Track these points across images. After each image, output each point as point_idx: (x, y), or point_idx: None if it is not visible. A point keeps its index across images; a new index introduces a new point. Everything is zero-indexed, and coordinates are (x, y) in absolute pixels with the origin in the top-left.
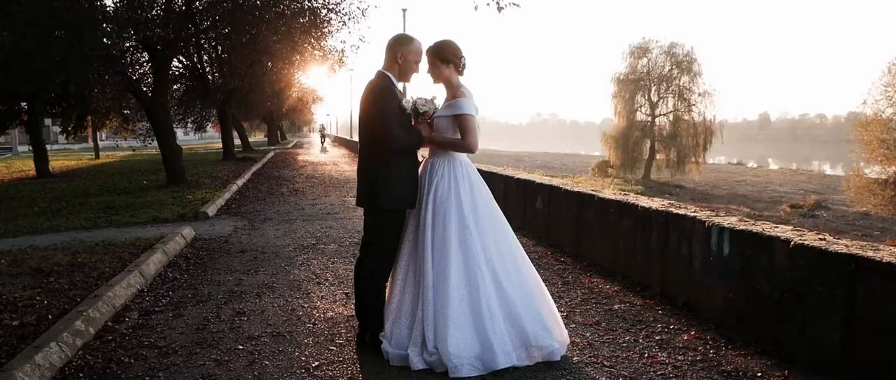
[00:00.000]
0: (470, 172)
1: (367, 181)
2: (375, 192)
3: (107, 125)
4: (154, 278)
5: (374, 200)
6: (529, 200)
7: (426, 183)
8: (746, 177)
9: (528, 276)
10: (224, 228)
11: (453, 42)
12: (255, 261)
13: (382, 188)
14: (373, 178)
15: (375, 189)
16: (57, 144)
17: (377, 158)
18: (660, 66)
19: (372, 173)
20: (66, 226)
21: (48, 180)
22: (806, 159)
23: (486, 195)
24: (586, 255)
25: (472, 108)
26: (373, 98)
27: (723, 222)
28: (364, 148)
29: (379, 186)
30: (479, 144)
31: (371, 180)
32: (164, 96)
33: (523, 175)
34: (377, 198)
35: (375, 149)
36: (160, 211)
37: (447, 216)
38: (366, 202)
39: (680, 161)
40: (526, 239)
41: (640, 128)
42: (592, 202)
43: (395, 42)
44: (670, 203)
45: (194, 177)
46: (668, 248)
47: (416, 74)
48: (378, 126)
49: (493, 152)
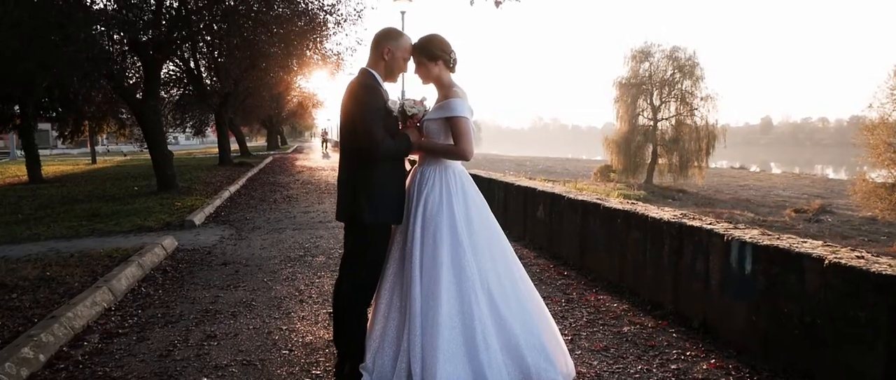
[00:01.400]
0: (464, 182)
1: (348, 193)
2: (357, 205)
3: (103, 130)
4: (125, 295)
5: (354, 215)
6: (530, 208)
7: (415, 195)
8: (749, 181)
9: (529, 299)
10: (209, 238)
11: (440, 36)
12: (236, 275)
13: (364, 201)
14: (354, 189)
15: (357, 202)
16: (56, 148)
17: (359, 167)
18: (662, 70)
19: (353, 184)
20: (46, 235)
21: (39, 186)
22: (808, 163)
23: (482, 208)
24: (592, 268)
25: (467, 109)
26: (355, 98)
27: (744, 236)
28: (344, 155)
29: (361, 199)
30: (480, 148)
31: (352, 192)
32: (155, 100)
33: (524, 182)
34: (358, 212)
35: (357, 156)
36: (145, 219)
37: (438, 232)
38: (346, 216)
39: (682, 166)
40: (527, 250)
41: (642, 132)
42: (598, 212)
43: (382, 36)
44: (682, 214)
45: (186, 183)
46: (681, 263)
47: (404, 73)
48: (360, 130)
49: (494, 157)
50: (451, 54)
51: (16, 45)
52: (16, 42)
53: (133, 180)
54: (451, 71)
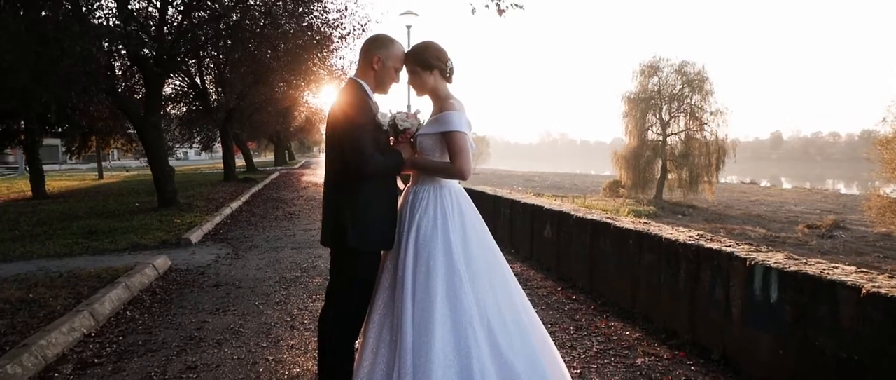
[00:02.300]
0: (462, 204)
1: (332, 215)
2: (342, 229)
3: (110, 145)
4: (108, 319)
5: (340, 240)
6: (537, 227)
7: (407, 217)
8: (760, 196)
9: (533, 332)
10: (205, 257)
11: (436, 43)
12: (227, 298)
13: (351, 224)
14: (339, 211)
15: (342, 225)
16: (65, 163)
17: (345, 186)
18: (671, 85)
19: (338, 205)
20: (39, 253)
21: (42, 201)
22: (819, 178)
23: (481, 231)
24: (602, 292)
25: (464, 123)
26: (341, 111)
27: (768, 260)
28: (330, 173)
29: (346, 222)
30: (488, 164)
31: (337, 214)
32: (157, 115)
33: (531, 200)
34: (343, 236)
35: (343, 174)
36: (142, 236)
37: (432, 260)
38: (330, 241)
39: (692, 181)
40: (533, 271)
41: (651, 147)
42: (608, 232)
43: (371, 44)
44: (699, 234)
45: (188, 199)
46: (699, 288)
47: (396, 84)
48: (347, 146)
49: (503, 172)
50: (448, 63)
51: (12, 59)
52: (12, 55)
53: (135, 196)
54: (447, 81)
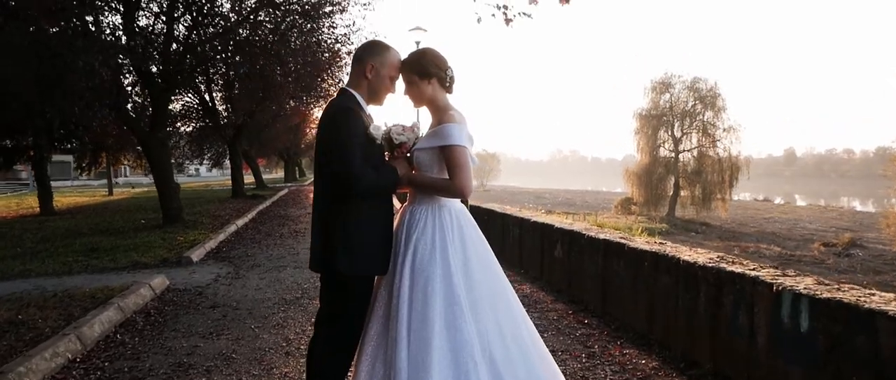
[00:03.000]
0: (462, 224)
1: (321, 237)
2: (331, 252)
3: (120, 161)
4: (96, 343)
5: (329, 264)
6: (547, 246)
7: (403, 240)
8: (774, 214)
9: (541, 364)
10: (204, 276)
11: (434, 50)
12: (223, 320)
13: (341, 247)
14: (328, 233)
15: (331, 248)
16: (78, 179)
17: (335, 206)
18: (683, 102)
19: (327, 226)
20: (37, 271)
21: (49, 218)
22: (834, 195)
23: (484, 255)
24: (616, 316)
25: (465, 137)
26: (330, 123)
27: (797, 286)
28: (318, 191)
29: (336, 244)
30: (499, 180)
31: (325, 236)
32: (163, 131)
33: (540, 218)
34: (333, 260)
35: (333, 192)
36: (143, 254)
37: (430, 286)
38: (319, 266)
39: (705, 198)
40: (543, 292)
41: (663, 164)
42: (622, 253)
43: (364, 50)
44: (719, 256)
45: (193, 216)
46: (720, 314)
47: (391, 95)
48: (335, 161)
49: (513, 189)
50: (448, 71)
51: (15, 74)
52: (15, 70)
53: (142, 213)
54: (447, 91)
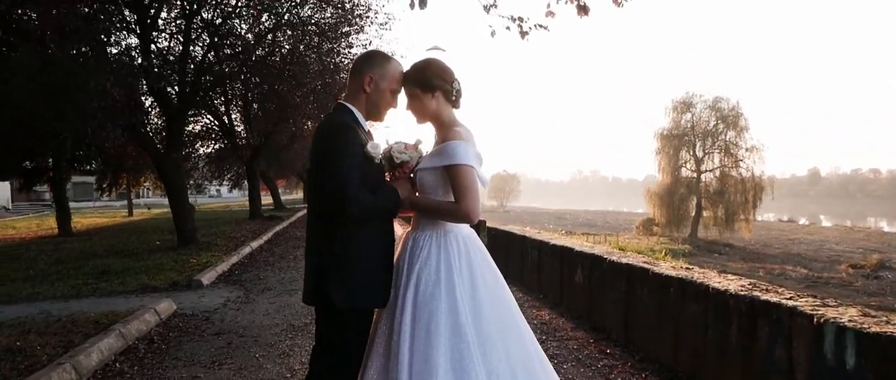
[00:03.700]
0: (470, 252)
1: (315, 267)
2: (325, 282)
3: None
4: (93, 372)
5: (323, 296)
6: (567, 271)
7: (404, 269)
8: (799, 235)
9: None
10: (214, 300)
11: (439, 61)
12: (227, 347)
13: (335, 277)
14: (322, 262)
15: (325, 278)
16: (100, 200)
17: (329, 232)
18: (704, 121)
19: (321, 255)
20: (45, 294)
21: (66, 239)
22: (860, 216)
23: (494, 287)
24: (640, 345)
25: (472, 155)
26: (323, 141)
27: (841, 318)
28: (312, 216)
29: (330, 274)
30: (519, 201)
31: (320, 265)
32: (177, 152)
33: (560, 241)
34: (327, 292)
35: (327, 217)
36: (153, 277)
37: (434, 321)
38: (313, 298)
39: (728, 219)
40: (563, 319)
41: (685, 184)
42: (646, 278)
43: (362, 61)
44: (752, 284)
45: (208, 237)
46: (755, 348)
47: (393, 110)
48: (329, 182)
49: (534, 210)
50: (453, 84)
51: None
52: (29, 92)
53: (158, 234)
54: (452, 105)
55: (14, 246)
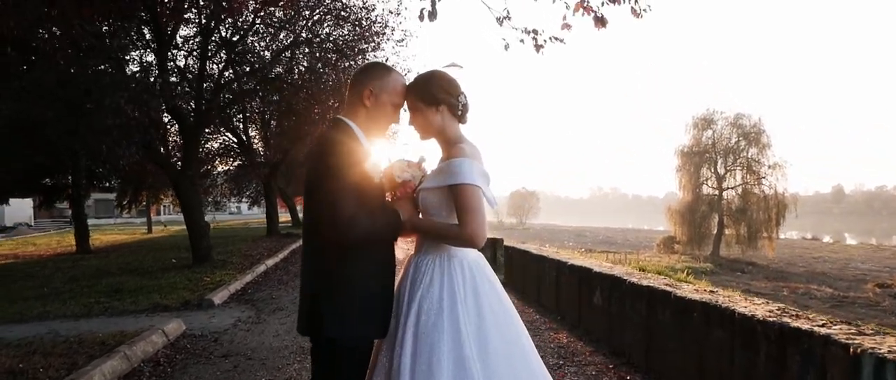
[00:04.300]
0: (477, 279)
1: (309, 294)
2: (318, 312)
3: (160, 199)
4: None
5: (316, 327)
6: (586, 292)
7: (405, 297)
8: (823, 253)
9: None
10: (224, 321)
11: (444, 73)
12: (233, 371)
13: (330, 307)
14: (316, 289)
15: (318, 308)
16: (121, 217)
17: (324, 257)
18: (726, 138)
19: (315, 281)
20: (56, 313)
21: (84, 256)
22: (886, 234)
23: (502, 317)
24: (661, 371)
25: (477, 174)
26: (317, 160)
27: (879, 348)
28: (307, 239)
29: (324, 303)
30: (538, 218)
31: (313, 293)
32: (193, 170)
33: (578, 261)
34: (320, 322)
35: (321, 241)
36: (165, 296)
37: (435, 355)
38: (306, 328)
39: (751, 237)
40: (581, 343)
41: (706, 202)
42: (668, 302)
43: (362, 73)
44: (781, 309)
45: (224, 255)
46: (784, 377)
47: (395, 125)
48: (322, 204)
49: (553, 227)
50: (459, 97)
51: (44, 113)
52: (44, 110)
53: (175, 252)
54: (458, 120)
55: (32, 263)
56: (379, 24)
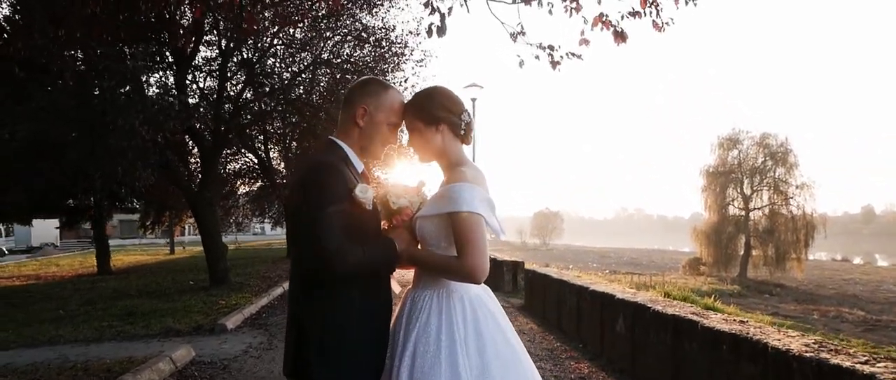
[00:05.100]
0: (479, 316)
1: (294, 334)
2: (304, 352)
3: (183, 220)
4: None
5: (301, 369)
6: (608, 319)
7: (400, 336)
8: (854, 275)
9: None
10: (235, 347)
11: (446, 89)
12: None
13: (317, 350)
14: (301, 329)
15: (304, 347)
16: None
17: (311, 293)
18: (752, 158)
19: (301, 320)
20: (68, 337)
21: (104, 278)
22: None
23: (508, 359)
24: None
25: (479, 201)
26: (303, 185)
27: None
28: (293, 273)
29: (311, 346)
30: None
31: (298, 334)
32: (211, 191)
33: (600, 287)
34: (306, 364)
35: (307, 275)
36: (179, 320)
37: None
38: (291, 371)
39: (779, 258)
40: (604, 373)
41: (733, 223)
42: (694, 332)
43: (356, 91)
44: (818, 342)
45: (242, 277)
46: None
47: (390, 147)
48: (308, 234)
49: (578, 248)
50: (462, 116)
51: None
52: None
53: (194, 273)
54: (461, 141)
55: (53, 284)
56: (398, 44)
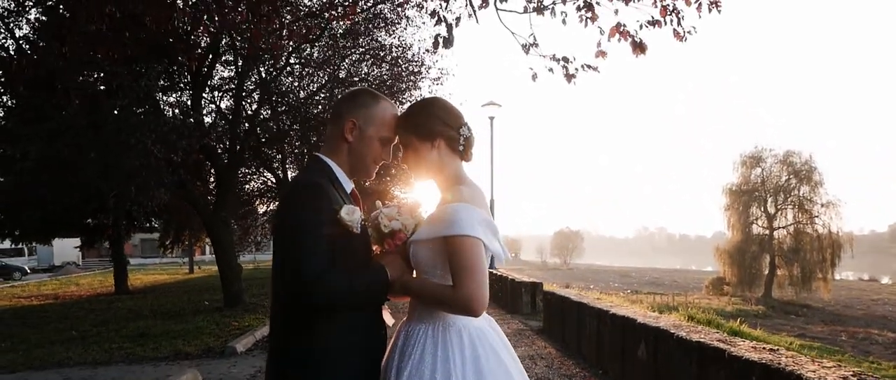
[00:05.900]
0: (479, 353)
1: (273, 368)
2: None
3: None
4: None
5: None
6: (629, 345)
7: (392, 375)
8: (883, 295)
9: None
10: (243, 371)
11: (443, 101)
12: None
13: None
14: (279, 360)
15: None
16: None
17: (293, 324)
18: (776, 176)
19: (281, 353)
20: (76, 360)
21: (120, 297)
22: None
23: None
24: None
25: (478, 223)
26: (284, 206)
27: None
28: (273, 302)
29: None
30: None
31: (276, 364)
32: (226, 211)
33: (621, 310)
34: None
35: (288, 304)
36: (189, 342)
37: None
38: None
39: (805, 278)
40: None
41: (757, 242)
42: (722, 361)
43: (344, 103)
44: (857, 376)
45: (257, 298)
46: None
47: (383, 164)
48: (286, 258)
49: (598, 267)
50: (461, 130)
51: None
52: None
53: (209, 294)
54: (460, 157)
55: (70, 304)
56: (415, 62)
